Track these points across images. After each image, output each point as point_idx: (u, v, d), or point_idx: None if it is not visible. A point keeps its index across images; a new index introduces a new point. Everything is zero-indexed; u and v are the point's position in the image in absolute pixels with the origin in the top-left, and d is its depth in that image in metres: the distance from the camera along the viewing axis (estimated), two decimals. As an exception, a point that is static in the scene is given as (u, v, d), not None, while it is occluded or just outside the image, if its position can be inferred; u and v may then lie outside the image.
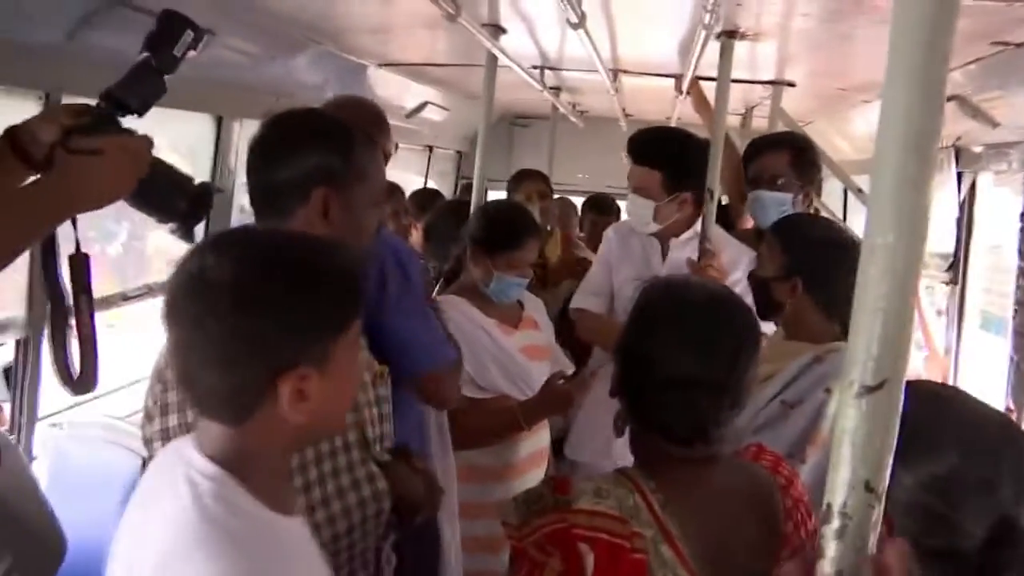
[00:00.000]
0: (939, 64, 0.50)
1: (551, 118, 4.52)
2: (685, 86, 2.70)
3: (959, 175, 2.84)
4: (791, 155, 2.34)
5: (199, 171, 2.65)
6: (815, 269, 1.74)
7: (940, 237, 2.99)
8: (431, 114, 4.26)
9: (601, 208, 4.11)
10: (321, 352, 0.88)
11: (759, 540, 1.12)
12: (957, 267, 2.91)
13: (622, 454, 2.32)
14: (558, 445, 2.43)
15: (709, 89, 2.76)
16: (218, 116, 2.53)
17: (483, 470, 2.02)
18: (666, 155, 2.25)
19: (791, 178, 2.32)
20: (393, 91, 3.60)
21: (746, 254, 2.34)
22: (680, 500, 1.07)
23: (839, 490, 0.52)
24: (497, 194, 3.28)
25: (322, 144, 1.31)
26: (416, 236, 3.00)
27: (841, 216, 3.95)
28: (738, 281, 2.11)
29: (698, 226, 2.35)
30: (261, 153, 1.33)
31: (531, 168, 3.64)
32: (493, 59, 2.44)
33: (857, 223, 3.35)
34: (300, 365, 0.86)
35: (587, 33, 2.00)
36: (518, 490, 2.07)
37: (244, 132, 2.63)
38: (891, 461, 0.53)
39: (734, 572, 1.08)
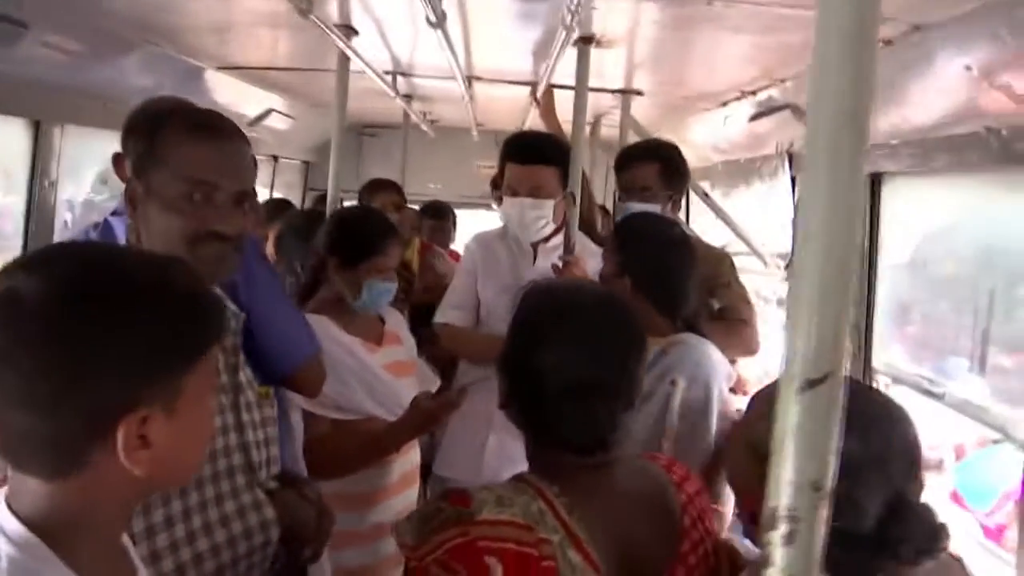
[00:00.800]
0: (867, 58, 0.49)
1: (402, 127, 4.43)
2: (540, 92, 2.71)
3: (793, 179, 3.04)
4: (660, 165, 2.40)
5: (14, 184, 2.37)
6: (643, 267, 1.80)
7: (777, 237, 3.18)
8: (276, 122, 4.06)
9: (437, 214, 4.23)
10: (168, 389, 0.74)
11: (660, 537, 1.11)
12: (794, 265, 3.10)
13: (493, 468, 2.33)
14: (425, 463, 2.35)
15: (559, 97, 2.81)
16: (35, 121, 2.27)
17: (354, 497, 1.91)
18: (559, 152, 2.26)
19: (659, 188, 2.38)
20: (233, 97, 3.39)
21: (596, 250, 2.38)
22: (584, 504, 1.04)
23: (783, 492, 0.49)
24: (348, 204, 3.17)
25: (132, 129, 1.24)
26: (268, 247, 2.83)
27: (684, 219, 4.14)
28: None
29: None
30: None
31: (383, 178, 3.55)
32: (345, 62, 2.34)
33: (699, 226, 3.51)
34: (141, 406, 0.72)
35: (445, 34, 1.95)
36: (390, 513, 2.01)
37: (67, 139, 2.37)
38: (836, 458, 0.50)
39: (641, 569, 1.07)
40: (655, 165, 2.41)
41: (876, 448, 0.96)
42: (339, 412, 1.88)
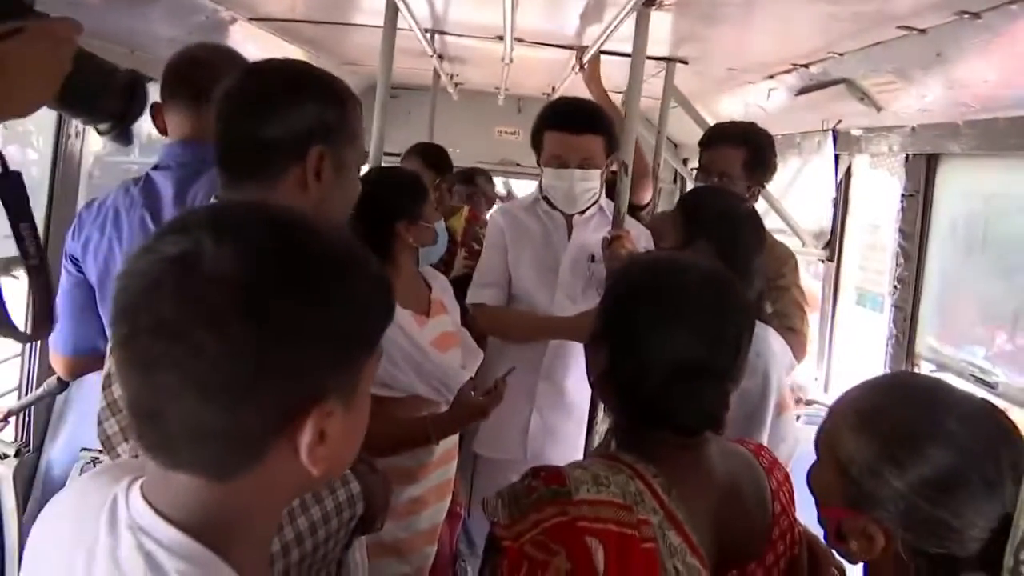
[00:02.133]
0: None
1: (430, 89, 4.32)
2: (588, 57, 2.62)
3: (836, 157, 2.97)
4: (746, 153, 2.31)
5: (41, 137, 2.30)
6: (710, 241, 1.75)
7: (816, 216, 3.13)
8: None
9: (466, 179, 4.09)
10: (351, 378, 0.66)
11: (754, 522, 1.09)
12: (833, 245, 3.06)
13: (536, 447, 2.29)
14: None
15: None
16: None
17: (397, 471, 1.86)
18: (606, 119, 2.18)
19: (740, 176, 2.29)
20: (262, 52, 3.28)
21: (643, 231, 2.32)
22: (682, 485, 1.01)
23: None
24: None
25: (320, 97, 1.16)
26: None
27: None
28: None
29: (602, 201, 2.30)
30: (247, 105, 1.14)
31: (428, 142, 3.48)
32: (393, 16, 2.25)
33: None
34: (329, 397, 0.63)
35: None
36: (426, 489, 1.96)
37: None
38: None
39: (735, 555, 1.04)
40: (740, 151, 2.31)
41: (982, 468, 0.91)
42: (385, 390, 1.82)
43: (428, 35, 2.95)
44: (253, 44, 3.14)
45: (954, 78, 2.02)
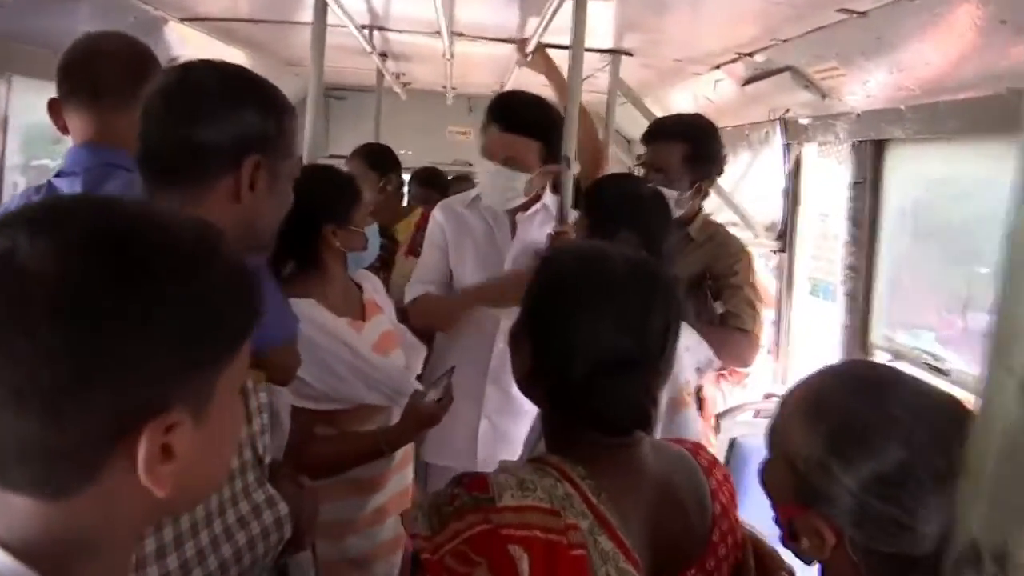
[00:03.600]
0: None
1: (375, 89, 4.23)
2: (531, 48, 2.55)
3: (786, 146, 2.95)
4: (686, 147, 2.21)
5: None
6: (611, 230, 1.70)
7: (767, 207, 3.10)
8: (241, 82, 3.84)
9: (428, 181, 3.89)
10: (202, 387, 0.59)
11: (691, 524, 1.02)
12: (785, 236, 3.03)
13: (487, 453, 2.22)
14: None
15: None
16: (-23, 70, 2.07)
17: (357, 483, 1.79)
18: (546, 125, 2.06)
19: (681, 172, 2.20)
20: (197, 52, 3.17)
21: None
22: (614, 487, 0.94)
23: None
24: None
25: (260, 104, 1.07)
26: None
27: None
28: None
29: (546, 198, 2.23)
30: (183, 105, 1.05)
31: (371, 143, 3.38)
32: (322, 12, 2.17)
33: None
34: (171, 409, 0.57)
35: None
36: (388, 497, 1.88)
37: (14, 92, 2.17)
38: None
39: (672, 559, 0.98)
40: (680, 146, 2.20)
41: (933, 460, 0.86)
42: (333, 404, 1.74)
43: (366, 31, 2.86)
44: (189, 47, 3.02)
45: (896, 62, 1.99)
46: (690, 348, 1.73)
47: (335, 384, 1.71)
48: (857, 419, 0.89)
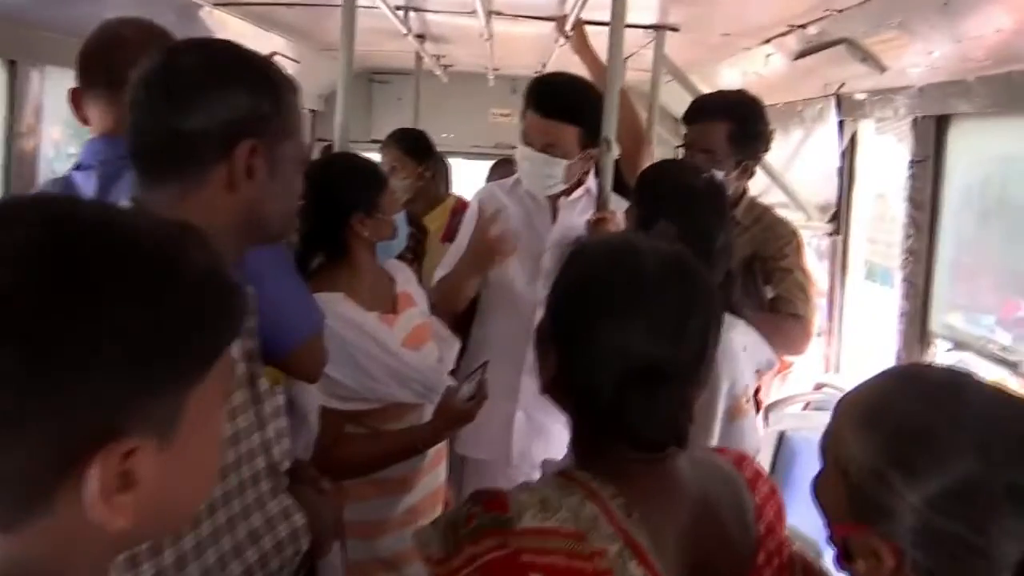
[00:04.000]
0: None
1: (413, 73, 4.16)
2: (569, 26, 2.46)
3: (840, 123, 2.79)
4: (730, 126, 2.09)
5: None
6: (665, 222, 1.59)
7: (821, 188, 2.95)
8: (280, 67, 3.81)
9: None
10: (166, 409, 0.54)
11: (733, 546, 0.93)
12: (839, 217, 2.88)
13: (522, 446, 2.16)
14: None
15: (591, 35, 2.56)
16: (10, 60, 2.05)
17: (390, 483, 1.74)
18: (585, 109, 1.97)
19: (726, 152, 2.08)
20: (232, 38, 3.14)
21: None
22: (646, 506, 0.85)
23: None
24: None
25: (251, 84, 0.99)
26: None
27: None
28: None
29: (590, 183, 2.15)
30: (164, 90, 0.98)
31: (406, 128, 3.31)
32: (352, -5, 2.10)
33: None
34: (127, 433, 0.52)
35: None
36: (421, 497, 1.82)
37: (46, 81, 2.15)
38: None
39: None
40: (724, 125, 2.09)
41: (1011, 474, 0.76)
42: (364, 403, 1.68)
43: (401, 12, 2.79)
44: (226, 34, 3.00)
45: (963, 30, 1.85)
46: (748, 348, 1.61)
47: (366, 382, 1.66)
48: (921, 425, 0.80)
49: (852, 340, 2.86)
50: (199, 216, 0.92)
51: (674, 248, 0.90)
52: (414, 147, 2.95)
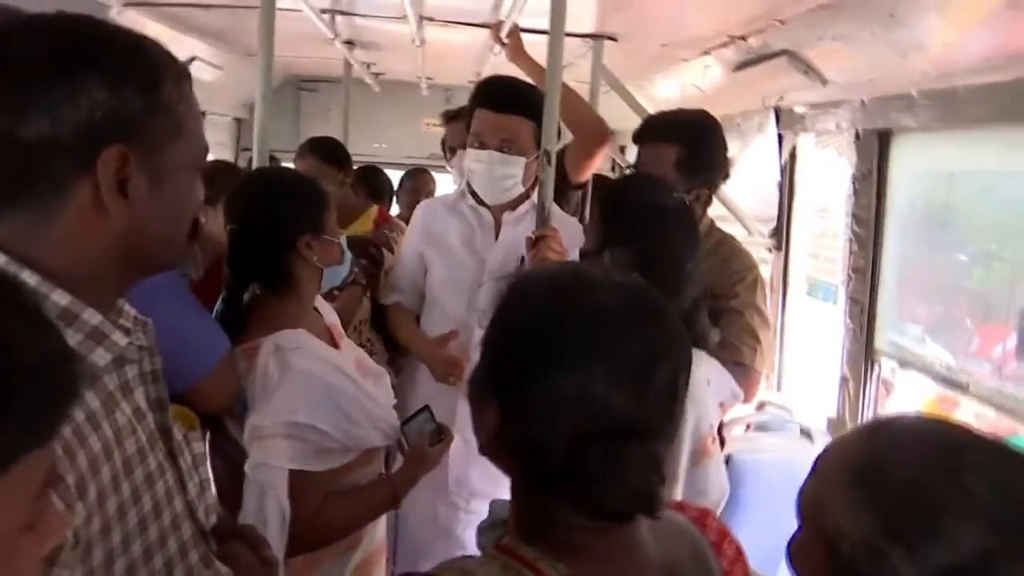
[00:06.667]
0: None
1: (343, 81, 4.01)
2: (505, 32, 2.35)
3: (779, 137, 2.75)
4: (680, 150, 1.90)
5: None
6: (632, 241, 1.51)
7: (760, 202, 2.91)
8: (200, 73, 3.59)
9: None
10: None
11: None
12: (780, 232, 2.84)
13: (462, 476, 2.03)
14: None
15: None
16: None
17: (332, 546, 1.54)
18: (539, 104, 1.86)
19: (675, 180, 1.85)
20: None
21: (579, 231, 2.07)
22: None
23: None
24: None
25: (112, 70, 0.76)
26: (215, 224, 1.81)
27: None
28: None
29: (534, 198, 2.04)
30: None
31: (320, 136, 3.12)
32: (271, -6, 1.94)
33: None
34: None
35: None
36: (369, 551, 1.58)
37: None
38: None
39: None
40: (673, 149, 1.89)
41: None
42: (341, 456, 1.48)
43: (327, 16, 2.64)
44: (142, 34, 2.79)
45: (909, 42, 1.80)
46: (711, 381, 1.51)
47: (348, 428, 1.46)
48: (922, 493, 0.70)
49: (794, 357, 2.82)
50: (63, 252, 0.76)
51: (634, 280, 0.78)
52: (332, 154, 2.78)
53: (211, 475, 1.03)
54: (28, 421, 0.45)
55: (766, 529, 1.53)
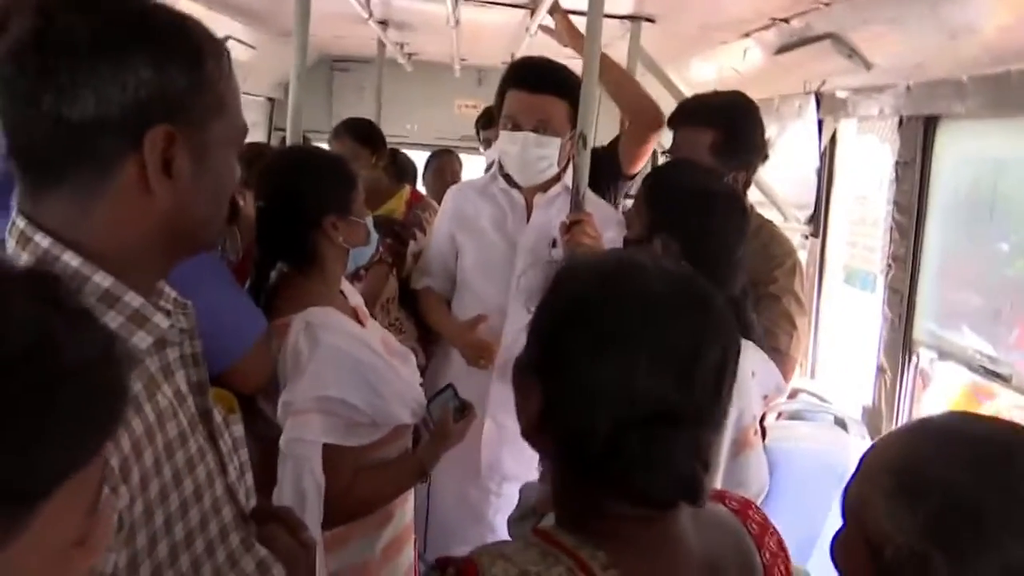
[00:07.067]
0: None
1: (376, 61, 4.00)
2: (542, 13, 2.32)
3: (820, 122, 2.70)
4: (716, 134, 1.86)
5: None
6: (679, 228, 1.49)
7: (798, 188, 2.86)
8: (235, 53, 3.57)
9: None
10: None
11: None
12: (818, 219, 2.79)
13: (492, 460, 2.04)
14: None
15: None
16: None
17: (366, 521, 1.55)
18: (573, 84, 1.84)
19: (712, 165, 1.82)
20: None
21: (613, 215, 2.06)
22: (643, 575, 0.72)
23: None
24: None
25: (158, 50, 0.75)
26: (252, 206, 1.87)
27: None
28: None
29: (567, 179, 2.02)
30: (40, 68, 0.73)
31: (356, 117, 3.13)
32: (308, -25, 1.94)
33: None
34: None
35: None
36: (398, 530, 1.59)
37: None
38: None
39: None
40: (707, 133, 1.86)
41: None
42: (371, 432, 1.49)
43: (363, -3, 2.63)
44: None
45: (958, 26, 1.75)
46: (757, 373, 1.49)
47: (379, 404, 1.47)
48: (970, 499, 0.68)
49: (829, 345, 2.77)
50: (107, 233, 0.76)
51: (682, 268, 0.77)
52: (368, 136, 2.78)
53: (248, 459, 1.04)
54: (75, 433, 0.45)
55: (798, 519, 1.51)
